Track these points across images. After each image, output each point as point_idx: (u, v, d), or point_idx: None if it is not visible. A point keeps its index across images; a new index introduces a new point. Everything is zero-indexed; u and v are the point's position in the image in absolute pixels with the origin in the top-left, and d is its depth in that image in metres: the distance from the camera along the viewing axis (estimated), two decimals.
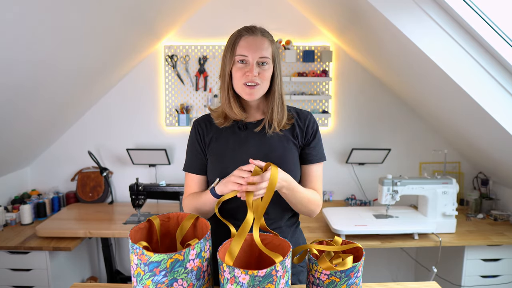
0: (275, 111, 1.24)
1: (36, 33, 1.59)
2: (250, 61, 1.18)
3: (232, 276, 0.84)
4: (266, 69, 1.20)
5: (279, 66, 1.25)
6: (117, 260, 3.05)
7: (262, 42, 1.19)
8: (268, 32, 1.25)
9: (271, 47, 1.22)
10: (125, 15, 2.03)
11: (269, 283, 0.84)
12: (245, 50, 1.18)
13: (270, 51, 1.21)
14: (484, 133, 2.27)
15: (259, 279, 0.83)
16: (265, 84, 1.21)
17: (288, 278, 0.90)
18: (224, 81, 1.23)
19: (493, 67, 1.89)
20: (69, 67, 2.09)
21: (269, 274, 0.83)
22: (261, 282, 0.83)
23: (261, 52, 1.18)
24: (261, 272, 0.82)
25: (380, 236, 2.33)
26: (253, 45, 1.18)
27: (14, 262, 2.33)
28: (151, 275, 0.84)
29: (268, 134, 1.25)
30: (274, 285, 0.84)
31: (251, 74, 1.17)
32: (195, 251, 0.87)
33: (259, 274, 0.82)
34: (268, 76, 1.21)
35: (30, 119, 2.29)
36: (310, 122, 1.30)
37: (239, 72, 1.19)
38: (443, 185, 2.39)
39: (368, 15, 2.01)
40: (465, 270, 2.39)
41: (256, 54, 1.18)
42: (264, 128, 1.26)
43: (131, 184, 2.50)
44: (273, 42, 1.24)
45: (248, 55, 1.18)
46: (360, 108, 2.98)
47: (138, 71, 2.91)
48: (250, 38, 1.19)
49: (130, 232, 0.92)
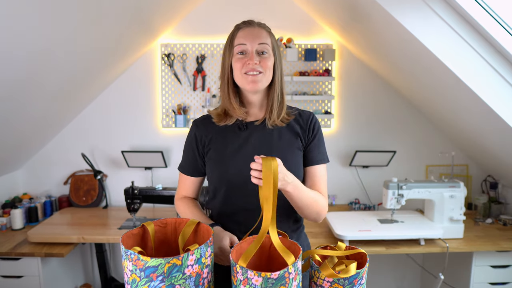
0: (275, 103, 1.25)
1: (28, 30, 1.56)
2: (250, 50, 1.19)
3: (245, 278, 0.85)
4: (266, 58, 1.21)
5: (279, 58, 1.26)
6: (112, 267, 3.01)
7: (260, 32, 1.21)
8: (265, 24, 1.27)
9: (270, 38, 1.23)
10: (120, 11, 1.99)
11: (282, 286, 0.85)
12: (243, 39, 1.20)
13: (269, 41, 1.23)
14: (493, 135, 2.25)
15: (272, 281, 0.84)
16: (268, 73, 1.21)
17: (299, 281, 0.90)
18: (224, 76, 1.25)
19: (503, 67, 1.87)
20: (60, 67, 2.05)
21: (282, 277, 0.84)
22: (274, 285, 0.84)
23: (259, 39, 1.20)
24: (274, 274, 0.83)
25: (385, 241, 2.31)
26: (251, 34, 1.20)
27: (4, 268, 2.30)
28: (148, 280, 0.83)
29: (268, 128, 1.25)
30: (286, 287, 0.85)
31: (251, 62, 1.17)
32: (194, 256, 0.87)
33: (272, 276, 0.83)
34: (270, 65, 1.21)
35: (20, 120, 2.26)
36: (312, 122, 1.30)
37: (239, 62, 1.19)
38: (450, 188, 2.37)
39: (372, 12, 1.98)
40: (473, 277, 2.37)
41: (254, 42, 1.19)
42: (264, 124, 1.26)
43: (126, 188, 2.49)
44: (271, 34, 1.26)
45: (247, 43, 1.19)
46: (364, 108, 2.94)
47: (133, 70, 2.87)
48: (248, 29, 1.22)
49: (122, 238, 0.91)
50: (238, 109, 1.24)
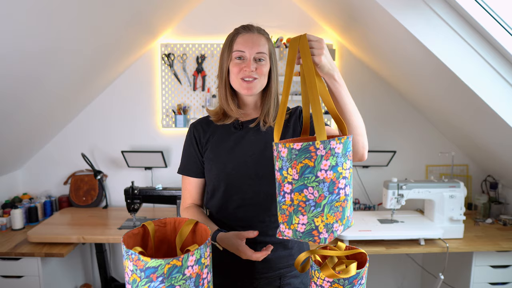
0: (271, 108, 1.29)
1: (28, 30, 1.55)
2: (247, 57, 1.22)
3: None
4: (263, 65, 1.23)
5: (275, 64, 1.29)
6: (112, 267, 3.00)
7: (259, 39, 1.24)
8: (264, 30, 1.29)
9: (268, 44, 1.26)
10: (120, 11, 1.99)
11: (307, 159, 0.87)
12: (242, 46, 1.22)
13: (267, 48, 1.25)
14: (493, 135, 2.25)
15: (295, 152, 0.87)
16: (263, 79, 1.25)
17: (336, 164, 0.88)
18: (221, 78, 1.28)
19: (503, 67, 1.87)
20: (60, 67, 2.05)
21: (306, 149, 0.86)
22: (297, 156, 0.87)
23: (258, 47, 1.22)
24: (296, 145, 0.86)
25: (385, 241, 2.31)
26: (250, 41, 1.22)
27: (4, 268, 2.29)
28: (148, 281, 0.83)
29: (263, 130, 1.28)
30: (312, 162, 0.87)
31: (248, 69, 1.20)
32: (194, 257, 0.86)
33: (295, 147, 0.87)
34: (265, 71, 1.24)
35: (20, 120, 2.26)
36: (298, 112, 1.33)
37: (236, 67, 1.22)
38: (450, 188, 2.36)
39: (372, 12, 1.97)
40: (473, 277, 2.36)
41: (253, 50, 1.21)
42: (259, 125, 1.29)
43: (126, 188, 2.49)
44: (270, 40, 1.29)
45: (245, 51, 1.21)
46: (364, 108, 2.89)
47: (133, 70, 2.87)
48: (247, 35, 1.24)
49: (123, 238, 0.91)
50: (236, 111, 1.28)
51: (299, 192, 0.89)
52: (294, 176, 0.89)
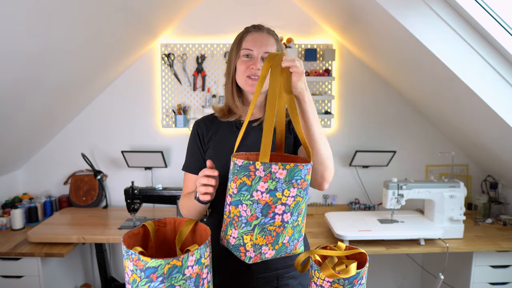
0: None
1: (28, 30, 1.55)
2: (255, 55, 1.23)
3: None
4: None
5: None
6: (112, 267, 3.00)
7: (268, 39, 1.25)
8: (274, 32, 1.31)
9: (276, 45, 1.27)
10: (119, 11, 1.98)
11: (245, 177, 0.92)
12: (250, 45, 1.24)
13: (275, 49, 1.26)
14: (493, 135, 2.24)
15: (237, 167, 0.94)
16: None
17: (274, 189, 0.92)
18: (229, 75, 1.30)
19: (503, 67, 1.87)
20: (60, 67, 2.05)
21: (246, 167, 0.93)
22: (238, 172, 0.94)
23: (266, 47, 1.23)
24: (239, 161, 0.94)
25: (385, 241, 2.30)
26: (259, 40, 1.24)
27: (4, 268, 2.29)
28: (148, 281, 0.83)
29: None
30: (250, 181, 0.91)
31: (255, 66, 1.22)
32: (194, 257, 0.87)
33: (237, 162, 0.94)
34: None
35: (20, 120, 2.25)
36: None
37: (243, 65, 1.24)
38: (450, 188, 2.36)
39: (372, 12, 1.97)
40: (473, 277, 2.36)
41: (261, 49, 1.23)
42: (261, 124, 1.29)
43: (126, 188, 2.49)
44: (278, 42, 1.30)
45: (254, 49, 1.23)
46: (364, 108, 2.93)
47: (133, 70, 2.87)
48: (257, 34, 1.26)
49: (124, 238, 0.92)
50: (241, 107, 1.29)
51: (235, 206, 0.94)
52: (234, 190, 0.94)
